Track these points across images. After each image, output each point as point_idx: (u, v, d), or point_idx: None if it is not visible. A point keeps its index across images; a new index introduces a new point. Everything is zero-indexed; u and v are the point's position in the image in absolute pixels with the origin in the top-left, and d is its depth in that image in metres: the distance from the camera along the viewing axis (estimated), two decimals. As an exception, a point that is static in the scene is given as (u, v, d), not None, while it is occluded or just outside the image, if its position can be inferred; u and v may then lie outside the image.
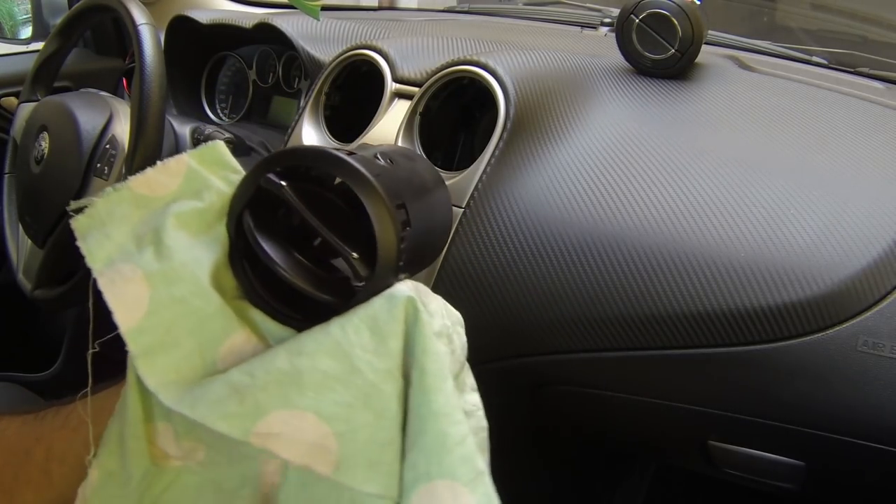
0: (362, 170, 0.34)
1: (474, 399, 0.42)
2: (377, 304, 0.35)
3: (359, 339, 0.34)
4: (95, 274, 0.36)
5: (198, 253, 0.36)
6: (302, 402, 0.33)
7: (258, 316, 0.37)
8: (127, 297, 0.35)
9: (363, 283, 0.35)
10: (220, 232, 0.37)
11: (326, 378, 0.33)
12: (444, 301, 0.42)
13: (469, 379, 0.43)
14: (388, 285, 0.36)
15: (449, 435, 0.34)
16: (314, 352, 0.34)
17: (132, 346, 0.34)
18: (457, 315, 0.42)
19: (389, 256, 0.35)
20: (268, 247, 0.36)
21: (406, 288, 0.36)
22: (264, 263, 0.35)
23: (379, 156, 0.39)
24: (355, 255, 0.35)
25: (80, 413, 0.44)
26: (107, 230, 0.37)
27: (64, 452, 0.44)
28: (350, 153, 0.36)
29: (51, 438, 0.45)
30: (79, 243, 0.37)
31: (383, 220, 0.35)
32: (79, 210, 0.38)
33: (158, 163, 0.39)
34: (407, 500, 0.34)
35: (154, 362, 0.34)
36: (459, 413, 0.35)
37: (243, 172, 0.38)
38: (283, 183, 0.35)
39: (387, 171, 0.37)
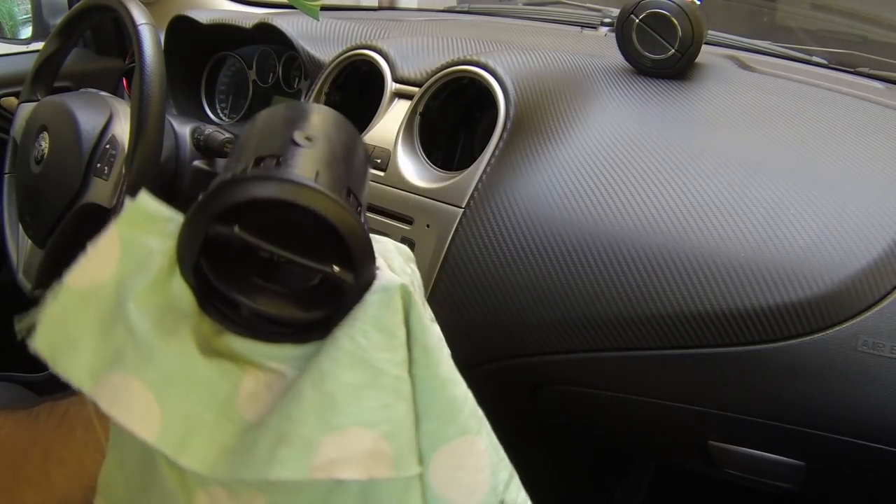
0: (308, 183, 0.32)
1: (436, 330, 0.43)
2: (375, 302, 0.35)
3: (370, 342, 0.34)
4: (91, 397, 0.34)
5: (173, 324, 0.35)
6: (343, 420, 0.33)
7: (252, 347, 0.36)
8: (134, 409, 0.34)
9: (351, 289, 0.34)
10: (180, 285, 0.35)
11: (357, 390, 0.34)
12: (394, 242, 0.42)
13: (428, 311, 0.43)
14: (372, 277, 0.35)
15: (457, 397, 0.36)
16: (334, 370, 0.34)
17: (167, 451, 0.34)
18: (407, 251, 0.43)
19: (365, 253, 0.34)
20: (236, 290, 0.34)
21: (393, 276, 0.36)
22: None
23: (296, 137, 0.36)
24: (336, 268, 0.33)
25: (75, 414, 0.44)
26: (73, 343, 0.35)
27: (62, 455, 0.44)
28: (277, 159, 0.34)
29: (47, 440, 0.44)
30: (52, 370, 0.35)
31: (348, 222, 0.33)
32: (30, 330, 0.36)
33: (89, 247, 0.36)
34: (428, 462, 0.36)
35: (191, 450, 0.34)
36: (458, 375, 0.37)
37: (178, 217, 0.35)
38: (235, 228, 0.32)
39: (321, 161, 0.35)
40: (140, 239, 0.36)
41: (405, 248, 0.43)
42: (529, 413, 0.79)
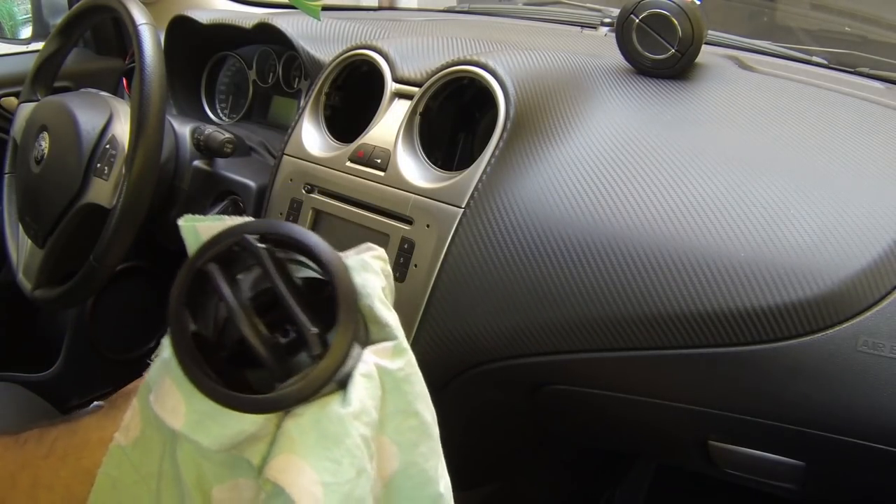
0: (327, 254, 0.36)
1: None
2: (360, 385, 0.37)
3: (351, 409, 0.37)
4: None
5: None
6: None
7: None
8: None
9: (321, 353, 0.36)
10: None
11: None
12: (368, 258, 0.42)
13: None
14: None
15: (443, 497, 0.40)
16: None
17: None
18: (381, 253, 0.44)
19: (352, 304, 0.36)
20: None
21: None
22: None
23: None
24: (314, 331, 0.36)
25: (66, 443, 0.45)
26: None
27: (51, 481, 0.44)
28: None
29: (37, 466, 0.45)
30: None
31: (343, 273, 0.36)
32: None
33: None
34: None
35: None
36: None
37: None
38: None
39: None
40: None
41: (377, 254, 0.43)
42: (529, 413, 0.79)
